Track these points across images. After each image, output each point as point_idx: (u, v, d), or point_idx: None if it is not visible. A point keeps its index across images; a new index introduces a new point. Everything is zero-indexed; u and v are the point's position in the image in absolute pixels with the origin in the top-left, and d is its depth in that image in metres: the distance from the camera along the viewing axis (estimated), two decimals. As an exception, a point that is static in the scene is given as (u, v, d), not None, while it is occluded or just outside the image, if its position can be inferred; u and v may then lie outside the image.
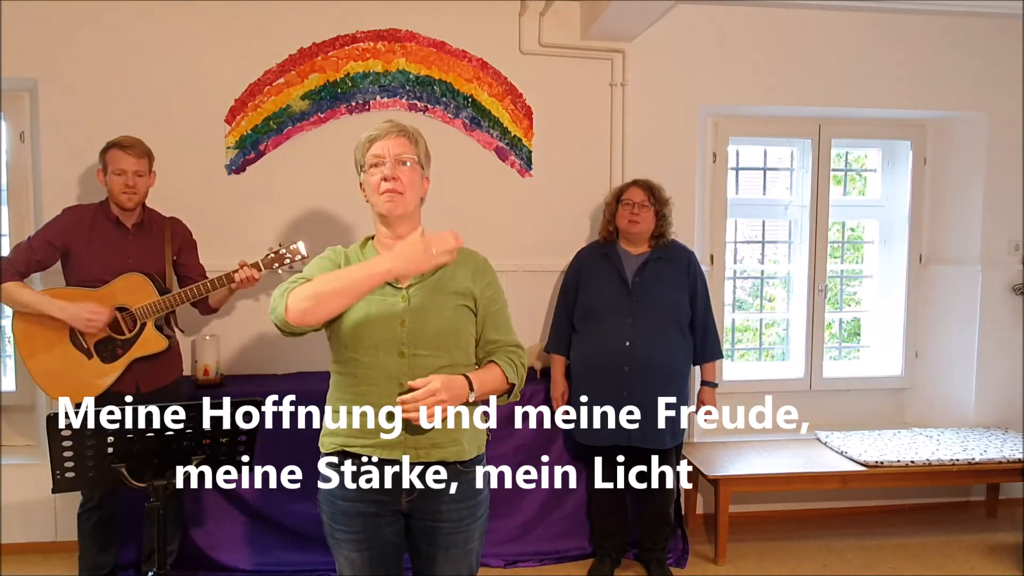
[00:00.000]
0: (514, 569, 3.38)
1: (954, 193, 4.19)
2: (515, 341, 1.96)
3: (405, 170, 1.85)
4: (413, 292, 1.85)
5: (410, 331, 1.82)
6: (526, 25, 3.67)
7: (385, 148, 1.85)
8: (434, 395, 1.73)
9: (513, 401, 1.94)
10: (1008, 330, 4.11)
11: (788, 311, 4.41)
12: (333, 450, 1.88)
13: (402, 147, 1.85)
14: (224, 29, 3.48)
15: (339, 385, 1.89)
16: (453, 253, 1.75)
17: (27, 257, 2.82)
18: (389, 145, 1.85)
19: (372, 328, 1.81)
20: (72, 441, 1.91)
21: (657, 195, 3.25)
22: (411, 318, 1.83)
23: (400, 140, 1.86)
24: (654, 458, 3.09)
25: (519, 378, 1.91)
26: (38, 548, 3.44)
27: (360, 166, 1.91)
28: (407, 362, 1.82)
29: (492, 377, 1.87)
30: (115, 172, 2.82)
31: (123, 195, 2.82)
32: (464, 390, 1.79)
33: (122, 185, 2.81)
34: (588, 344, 3.24)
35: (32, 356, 2.79)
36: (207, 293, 2.84)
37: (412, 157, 1.86)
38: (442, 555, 1.90)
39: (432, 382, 1.74)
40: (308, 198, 3.58)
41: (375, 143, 1.86)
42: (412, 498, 1.86)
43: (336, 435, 1.87)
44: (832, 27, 3.87)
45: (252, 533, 3.26)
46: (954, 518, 4.02)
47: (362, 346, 1.82)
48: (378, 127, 1.88)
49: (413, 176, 1.86)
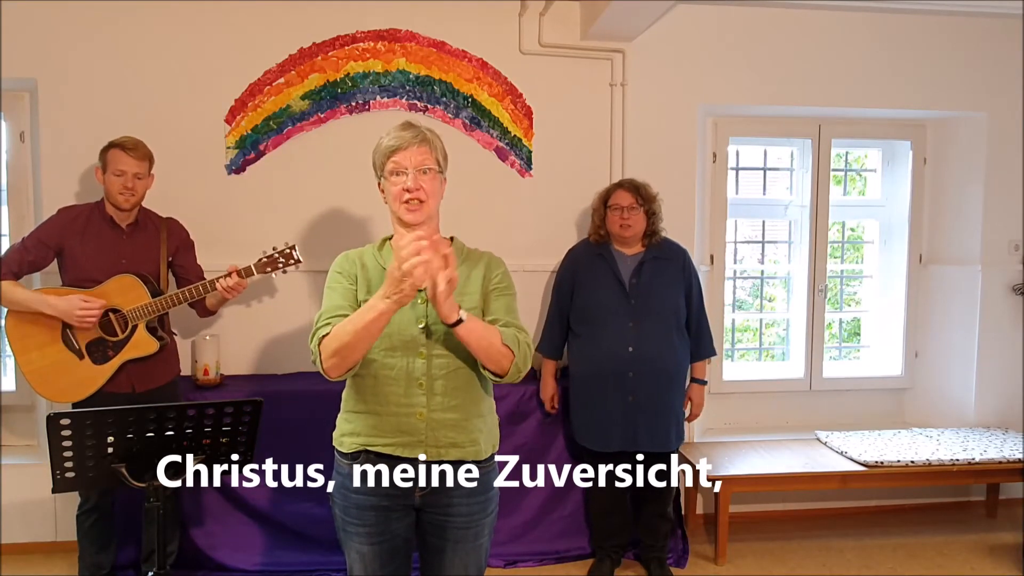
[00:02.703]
0: (514, 569, 3.38)
1: (954, 193, 4.19)
2: (519, 326, 1.92)
3: (426, 179, 1.86)
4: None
5: (429, 332, 1.85)
6: (526, 25, 3.66)
7: (407, 159, 1.85)
8: (420, 254, 1.63)
9: (511, 382, 1.87)
10: (1008, 330, 4.11)
11: (788, 311, 4.41)
12: (354, 449, 1.90)
13: (424, 156, 1.86)
14: (224, 29, 3.48)
15: (358, 387, 1.91)
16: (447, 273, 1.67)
17: (20, 257, 2.82)
18: (411, 156, 1.85)
19: (392, 330, 1.83)
20: (72, 441, 1.91)
21: (644, 194, 3.20)
22: (430, 319, 1.85)
23: (422, 149, 1.86)
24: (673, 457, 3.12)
25: (520, 354, 1.84)
26: (38, 548, 3.44)
27: (379, 169, 1.91)
28: (426, 363, 1.86)
29: (489, 330, 1.81)
30: (114, 172, 2.81)
31: (120, 195, 2.82)
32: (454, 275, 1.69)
33: (120, 186, 2.81)
34: (589, 350, 3.21)
35: (23, 354, 2.79)
36: (195, 298, 2.84)
37: (433, 165, 1.88)
38: (451, 549, 1.92)
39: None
40: (308, 198, 3.58)
41: (397, 153, 1.86)
42: (425, 493, 1.89)
43: (356, 435, 1.90)
44: (832, 27, 3.87)
45: (252, 533, 3.26)
46: (954, 518, 4.02)
47: (383, 348, 1.85)
48: (399, 136, 1.87)
49: (434, 184, 1.88)
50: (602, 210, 3.26)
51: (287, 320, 3.55)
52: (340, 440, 1.94)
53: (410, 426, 1.85)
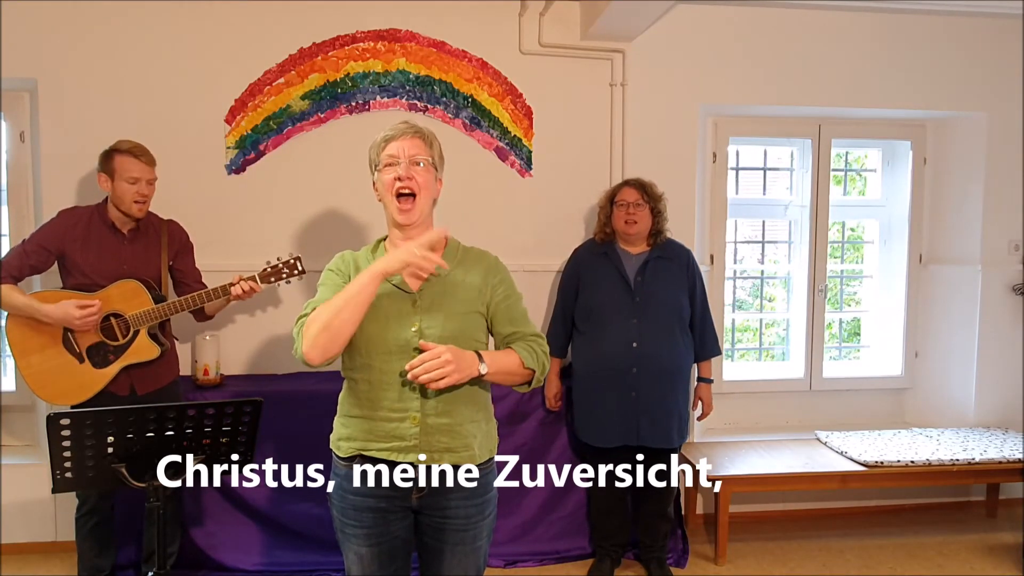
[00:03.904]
0: (514, 569, 3.38)
1: (954, 193, 4.19)
2: (534, 331, 1.96)
3: (419, 170, 1.87)
4: (424, 296, 1.87)
5: (423, 335, 1.84)
6: (526, 25, 3.66)
7: (400, 148, 1.87)
8: (439, 357, 1.73)
9: (536, 387, 1.94)
10: (1008, 330, 4.11)
11: (788, 311, 4.41)
12: (350, 454, 1.90)
13: (417, 148, 1.88)
14: (224, 29, 3.47)
15: (354, 391, 1.91)
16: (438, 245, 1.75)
17: (20, 261, 2.80)
18: (404, 146, 1.87)
19: (387, 334, 1.84)
20: (72, 441, 1.91)
21: (650, 192, 3.23)
22: (424, 322, 1.85)
23: (415, 141, 1.88)
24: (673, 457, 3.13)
25: (539, 365, 1.90)
26: (38, 548, 3.45)
27: (374, 165, 1.92)
28: None
29: (508, 360, 1.88)
30: (127, 180, 2.77)
31: (135, 204, 2.79)
32: (474, 364, 1.79)
33: (135, 194, 2.78)
34: (593, 346, 3.22)
35: (24, 357, 2.78)
36: (203, 304, 2.83)
37: (427, 158, 1.88)
38: (449, 551, 1.91)
39: (441, 348, 1.75)
40: (308, 198, 3.58)
41: (390, 143, 1.88)
42: (423, 495, 1.88)
43: (352, 440, 1.89)
44: (832, 27, 3.87)
45: (252, 533, 3.26)
46: (954, 518, 4.02)
47: (377, 352, 1.84)
48: (394, 127, 1.90)
49: (427, 177, 1.89)
50: (608, 207, 3.29)
51: (287, 320, 3.54)
52: (337, 444, 1.94)
53: (404, 431, 1.84)
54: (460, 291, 1.90)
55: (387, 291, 1.86)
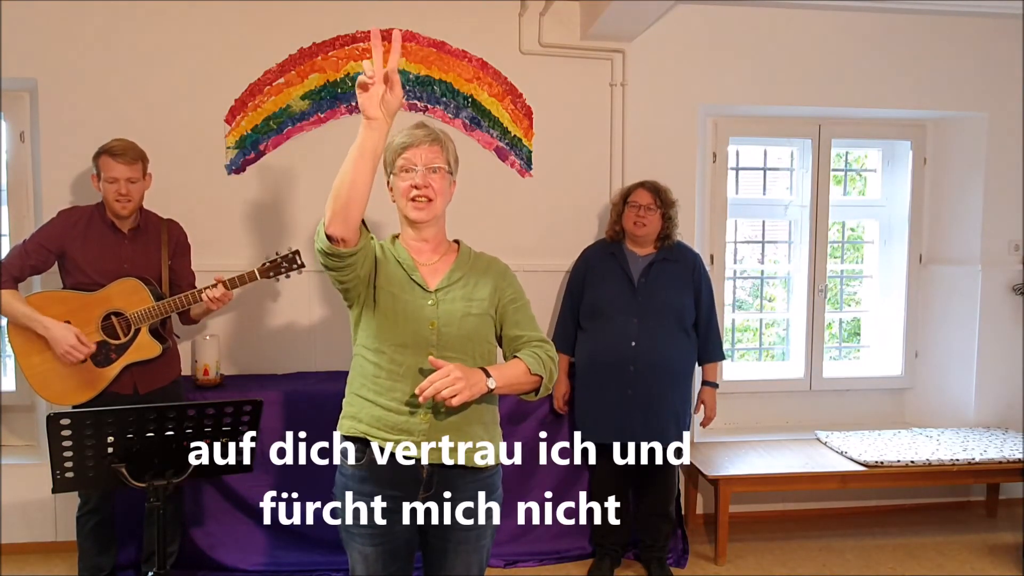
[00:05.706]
0: (514, 569, 3.38)
1: (954, 193, 4.19)
2: (541, 336, 1.98)
3: (435, 177, 1.89)
4: (442, 296, 1.90)
5: (439, 333, 1.87)
6: (526, 25, 3.67)
7: (418, 156, 1.88)
8: (449, 375, 1.73)
9: (544, 396, 1.95)
10: (1008, 330, 4.11)
11: (788, 311, 4.41)
12: (353, 434, 1.90)
13: (434, 155, 1.89)
14: (224, 29, 3.48)
15: (365, 372, 1.91)
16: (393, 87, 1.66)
17: (21, 261, 2.80)
18: (422, 153, 1.88)
19: (404, 328, 1.86)
20: (72, 441, 1.91)
21: (664, 197, 3.25)
22: (440, 321, 1.87)
23: (433, 148, 1.89)
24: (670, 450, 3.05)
25: (546, 371, 1.91)
26: (38, 548, 3.45)
27: (389, 168, 1.93)
28: None
29: (515, 371, 1.89)
30: (107, 180, 2.79)
31: (117, 203, 2.80)
32: (482, 380, 1.80)
33: (115, 193, 2.79)
34: (594, 343, 3.25)
35: (26, 357, 2.78)
36: (183, 307, 2.82)
37: (443, 165, 1.90)
38: (453, 550, 1.92)
39: (451, 366, 1.75)
40: (308, 198, 3.58)
41: (408, 150, 1.89)
42: (428, 494, 1.89)
43: (358, 421, 1.90)
44: (832, 27, 3.87)
45: (252, 533, 3.25)
46: (954, 518, 4.02)
47: (393, 343, 1.86)
48: (411, 133, 1.90)
49: (443, 183, 1.91)
50: (620, 206, 3.31)
51: (287, 320, 3.55)
52: (341, 422, 1.94)
53: (412, 425, 1.85)
54: (474, 293, 1.93)
55: (405, 284, 1.88)
